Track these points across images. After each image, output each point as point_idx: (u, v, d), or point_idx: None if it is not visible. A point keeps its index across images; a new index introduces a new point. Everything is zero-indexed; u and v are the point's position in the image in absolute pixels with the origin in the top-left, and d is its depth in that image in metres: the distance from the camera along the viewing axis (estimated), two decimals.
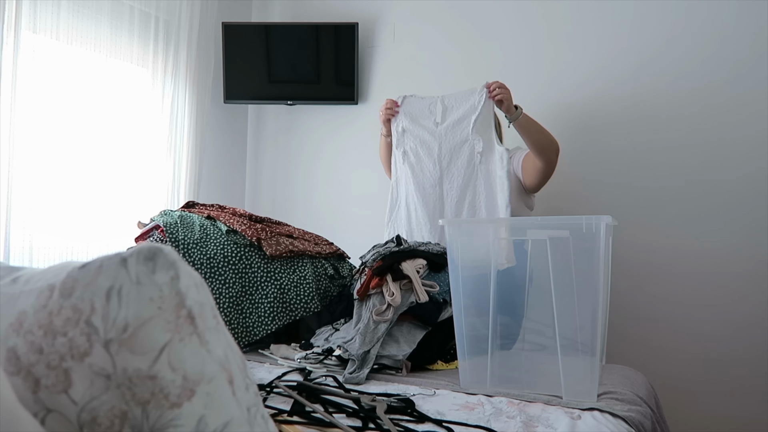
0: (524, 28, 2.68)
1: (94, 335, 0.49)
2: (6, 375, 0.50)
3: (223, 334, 0.55)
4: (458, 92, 2.14)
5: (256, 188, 3.34)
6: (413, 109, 2.17)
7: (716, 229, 2.30)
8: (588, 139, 2.54)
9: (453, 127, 2.10)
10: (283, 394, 1.25)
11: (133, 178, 2.57)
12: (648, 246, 2.40)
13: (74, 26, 2.31)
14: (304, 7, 3.19)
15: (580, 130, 2.56)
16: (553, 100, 2.62)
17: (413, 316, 1.64)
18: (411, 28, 2.94)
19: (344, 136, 3.06)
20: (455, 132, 2.10)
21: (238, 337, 1.74)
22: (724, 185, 2.30)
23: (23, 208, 2.12)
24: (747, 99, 2.27)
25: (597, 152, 2.52)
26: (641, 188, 2.43)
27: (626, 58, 2.48)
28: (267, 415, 0.60)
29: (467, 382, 1.43)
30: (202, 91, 2.85)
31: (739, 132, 2.29)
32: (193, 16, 2.77)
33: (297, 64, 3.04)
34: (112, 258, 0.52)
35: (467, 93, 2.10)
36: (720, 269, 2.29)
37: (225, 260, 1.80)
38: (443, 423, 1.13)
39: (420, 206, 2.15)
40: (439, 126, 2.12)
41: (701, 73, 2.35)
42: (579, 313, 1.34)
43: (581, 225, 1.31)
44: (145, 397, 0.48)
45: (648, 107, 2.44)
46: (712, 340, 2.29)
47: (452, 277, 1.46)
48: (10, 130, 2.03)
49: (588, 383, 1.32)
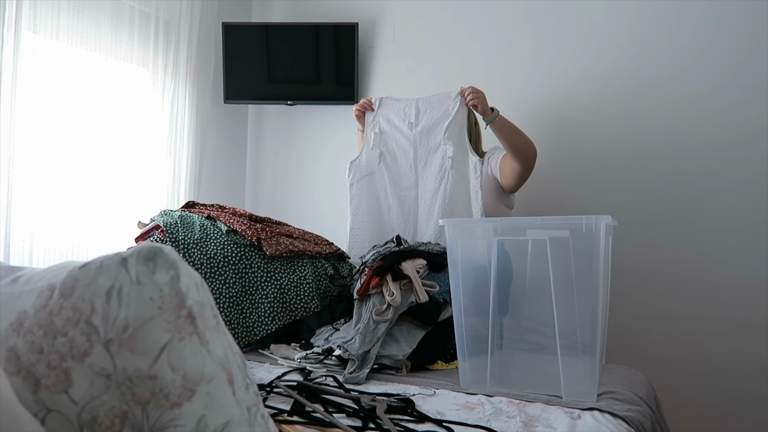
0: (524, 28, 2.68)
1: (94, 335, 0.49)
2: (6, 375, 0.50)
3: (223, 334, 0.56)
4: (434, 95, 2.20)
5: (256, 188, 3.34)
6: (389, 111, 2.24)
7: (716, 229, 2.30)
8: (588, 139, 2.54)
9: (427, 132, 2.16)
10: (283, 394, 1.25)
11: (133, 179, 2.57)
12: (648, 246, 2.40)
13: (74, 26, 2.31)
14: (304, 7, 3.19)
15: (580, 130, 2.56)
16: (553, 99, 2.62)
17: (413, 316, 1.64)
18: (411, 28, 2.94)
19: (344, 136, 3.06)
20: (429, 137, 2.16)
21: (238, 337, 1.74)
22: (724, 185, 2.30)
23: (23, 207, 2.12)
24: (747, 99, 2.27)
25: (597, 152, 2.52)
26: (641, 188, 2.43)
27: (626, 58, 2.48)
28: (267, 415, 0.60)
29: (467, 382, 1.43)
30: (202, 91, 2.85)
31: (739, 132, 2.29)
32: (193, 16, 2.77)
33: (297, 64, 3.04)
34: (112, 258, 0.52)
35: (442, 97, 2.15)
36: (720, 269, 2.29)
37: (225, 260, 1.80)
38: (443, 423, 1.13)
39: (396, 207, 2.22)
40: (413, 129, 2.18)
41: (701, 72, 2.35)
42: (579, 313, 1.34)
43: (581, 225, 1.31)
44: (145, 397, 0.48)
45: (648, 107, 2.43)
46: (712, 340, 2.29)
47: (452, 277, 1.46)
48: (10, 130, 2.03)
49: (588, 383, 1.32)
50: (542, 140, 2.65)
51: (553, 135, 2.61)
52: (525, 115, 2.69)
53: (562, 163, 2.59)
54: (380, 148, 2.22)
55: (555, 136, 2.61)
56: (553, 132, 2.62)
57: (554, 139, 2.61)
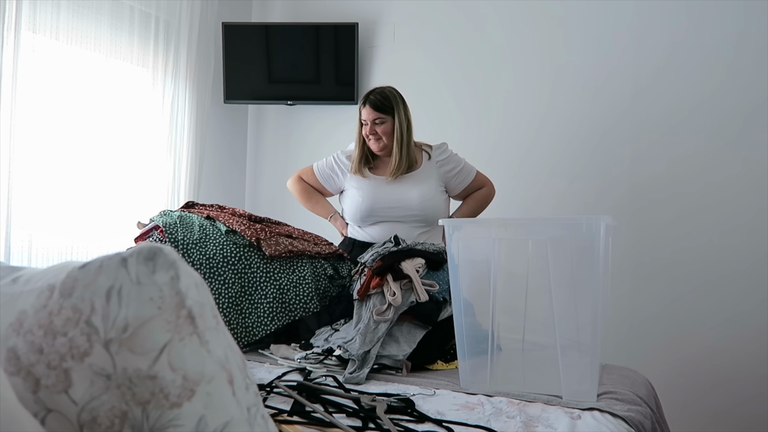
0: (524, 28, 2.68)
1: (94, 335, 0.49)
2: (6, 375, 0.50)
3: (223, 334, 0.56)
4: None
5: (256, 188, 3.34)
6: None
7: (716, 229, 2.30)
8: (588, 139, 2.54)
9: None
10: (283, 394, 1.25)
11: (133, 178, 2.57)
12: (648, 246, 2.40)
13: (74, 26, 2.31)
14: (304, 7, 3.19)
15: (580, 130, 2.56)
16: (553, 100, 2.62)
17: (413, 316, 1.64)
18: (411, 28, 2.94)
19: (344, 136, 3.06)
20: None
21: (237, 337, 1.74)
22: (725, 185, 2.30)
23: (23, 207, 2.12)
24: (747, 99, 2.27)
25: (598, 153, 2.52)
26: (641, 188, 2.43)
27: (626, 58, 2.48)
28: (267, 415, 0.60)
29: (467, 382, 1.43)
30: (202, 91, 2.85)
31: (739, 132, 2.29)
32: (193, 16, 2.77)
33: (297, 64, 3.04)
34: (112, 258, 0.52)
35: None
36: (720, 269, 2.29)
37: (224, 260, 1.80)
38: (443, 423, 1.13)
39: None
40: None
41: (701, 72, 2.35)
42: (579, 313, 1.34)
43: (581, 225, 1.31)
44: (145, 397, 0.48)
45: (649, 107, 2.44)
46: (712, 339, 2.29)
47: (452, 276, 1.46)
48: (10, 130, 2.04)
49: (588, 383, 1.32)
50: (542, 140, 2.66)
51: (553, 135, 2.62)
52: (525, 114, 2.69)
53: (562, 163, 2.59)
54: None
55: (555, 135, 2.61)
56: (553, 132, 2.62)
57: (554, 139, 2.62)
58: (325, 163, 2.26)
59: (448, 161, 2.16)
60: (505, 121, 2.71)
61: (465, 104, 2.82)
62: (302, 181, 2.30)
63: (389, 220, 2.12)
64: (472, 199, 2.22)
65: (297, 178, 2.31)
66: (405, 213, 2.10)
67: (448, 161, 2.16)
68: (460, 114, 2.82)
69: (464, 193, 2.22)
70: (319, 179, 2.26)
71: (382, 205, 2.11)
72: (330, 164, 2.24)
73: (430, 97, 2.84)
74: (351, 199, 2.17)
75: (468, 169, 2.19)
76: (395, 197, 2.10)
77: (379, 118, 2.08)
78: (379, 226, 2.14)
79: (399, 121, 2.09)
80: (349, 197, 2.18)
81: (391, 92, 2.13)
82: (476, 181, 2.21)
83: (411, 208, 2.09)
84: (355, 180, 2.17)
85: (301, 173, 2.31)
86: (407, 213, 2.10)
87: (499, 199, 2.26)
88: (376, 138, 2.10)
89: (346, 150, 2.24)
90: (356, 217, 2.16)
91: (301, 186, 2.30)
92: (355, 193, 2.15)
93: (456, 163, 2.18)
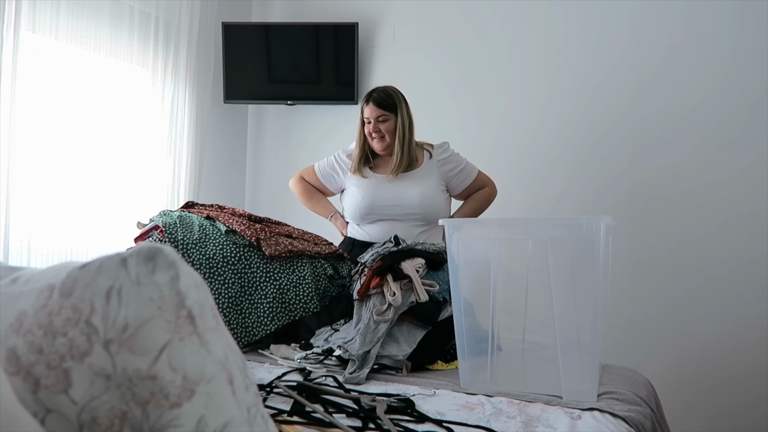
0: (523, 28, 2.68)
1: (94, 335, 0.49)
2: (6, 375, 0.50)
3: (223, 334, 0.55)
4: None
5: (256, 188, 3.34)
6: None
7: (716, 230, 2.30)
8: (588, 139, 2.54)
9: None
10: (283, 394, 1.25)
11: (133, 178, 2.57)
12: (648, 246, 2.40)
13: (74, 26, 2.31)
14: (304, 7, 3.19)
15: (580, 129, 2.56)
16: (553, 99, 2.62)
17: (413, 316, 1.64)
18: (411, 28, 2.94)
19: (344, 136, 3.06)
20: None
21: (237, 337, 1.74)
22: (725, 186, 2.30)
23: (22, 207, 2.12)
24: (747, 98, 2.27)
25: (597, 152, 2.52)
26: (641, 188, 2.43)
27: (626, 58, 2.48)
28: (267, 415, 0.59)
29: (467, 382, 1.43)
30: (202, 91, 2.85)
31: (739, 132, 2.29)
32: (193, 16, 2.77)
33: (297, 64, 3.04)
34: (112, 258, 0.52)
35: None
36: (720, 269, 2.29)
37: (224, 260, 1.80)
38: (443, 423, 1.13)
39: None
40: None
41: (701, 71, 2.35)
42: (579, 313, 1.34)
43: (581, 225, 1.31)
44: (145, 397, 0.48)
45: (649, 107, 2.44)
46: (712, 339, 2.29)
47: (452, 277, 1.46)
48: (9, 129, 2.03)
49: (588, 383, 1.32)
50: (542, 139, 2.66)
51: (553, 134, 2.62)
52: (524, 114, 2.69)
53: (561, 163, 2.59)
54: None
55: (554, 135, 2.61)
56: (553, 131, 2.62)
57: (553, 139, 2.62)
58: (326, 162, 2.27)
59: (449, 160, 2.17)
60: (505, 120, 2.71)
61: (464, 104, 2.82)
62: (304, 181, 2.31)
63: (389, 218, 2.12)
64: (473, 199, 2.23)
65: (299, 178, 2.32)
66: (404, 211, 2.10)
67: (450, 160, 2.17)
68: (460, 114, 2.82)
69: (465, 192, 2.22)
70: (320, 178, 2.26)
71: (382, 202, 2.11)
72: (331, 163, 2.25)
73: (430, 97, 2.84)
74: (351, 197, 2.17)
75: (469, 168, 2.19)
76: (395, 195, 2.10)
77: (383, 115, 2.09)
78: (379, 225, 2.14)
79: (401, 118, 2.09)
80: (350, 195, 2.19)
81: (393, 91, 2.13)
82: (478, 181, 2.21)
83: (410, 207, 2.09)
84: (356, 178, 2.17)
85: (302, 173, 2.32)
86: (407, 211, 2.10)
87: (498, 198, 2.26)
88: (380, 136, 2.11)
89: (347, 149, 2.25)
90: (356, 215, 2.16)
91: (302, 186, 2.30)
92: (355, 191, 2.15)
93: (457, 162, 2.18)
